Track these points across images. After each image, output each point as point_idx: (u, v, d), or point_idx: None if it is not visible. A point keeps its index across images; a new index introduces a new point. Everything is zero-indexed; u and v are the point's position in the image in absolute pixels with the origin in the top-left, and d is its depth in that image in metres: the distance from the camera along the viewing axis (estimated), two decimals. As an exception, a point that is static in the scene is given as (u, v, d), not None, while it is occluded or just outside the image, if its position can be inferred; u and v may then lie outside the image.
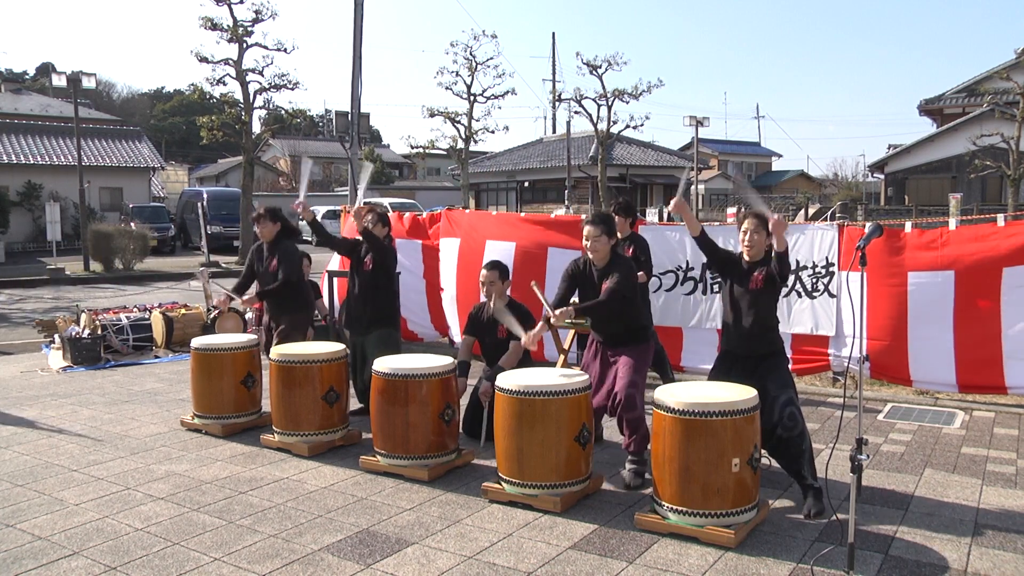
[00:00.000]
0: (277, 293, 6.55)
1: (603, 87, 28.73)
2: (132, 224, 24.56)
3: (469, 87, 28.92)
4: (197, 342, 6.15)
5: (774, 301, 4.66)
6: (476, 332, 5.90)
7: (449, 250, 8.81)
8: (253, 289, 6.79)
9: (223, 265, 22.08)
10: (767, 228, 4.50)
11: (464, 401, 5.62)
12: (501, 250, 8.06)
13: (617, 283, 4.80)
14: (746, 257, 4.63)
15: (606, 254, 4.94)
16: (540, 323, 4.89)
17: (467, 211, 10.18)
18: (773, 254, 4.43)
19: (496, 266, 5.78)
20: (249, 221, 22.70)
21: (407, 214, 9.71)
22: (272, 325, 6.87)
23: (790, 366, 4.77)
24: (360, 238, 6.30)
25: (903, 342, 6.59)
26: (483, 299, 5.93)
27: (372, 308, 6.23)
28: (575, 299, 5.09)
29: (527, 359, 5.66)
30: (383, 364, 5.07)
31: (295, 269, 6.65)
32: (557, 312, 4.74)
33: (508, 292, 5.81)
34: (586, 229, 4.93)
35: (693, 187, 34.67)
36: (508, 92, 29.56)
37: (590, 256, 4.97)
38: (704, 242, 4.73)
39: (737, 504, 3.99)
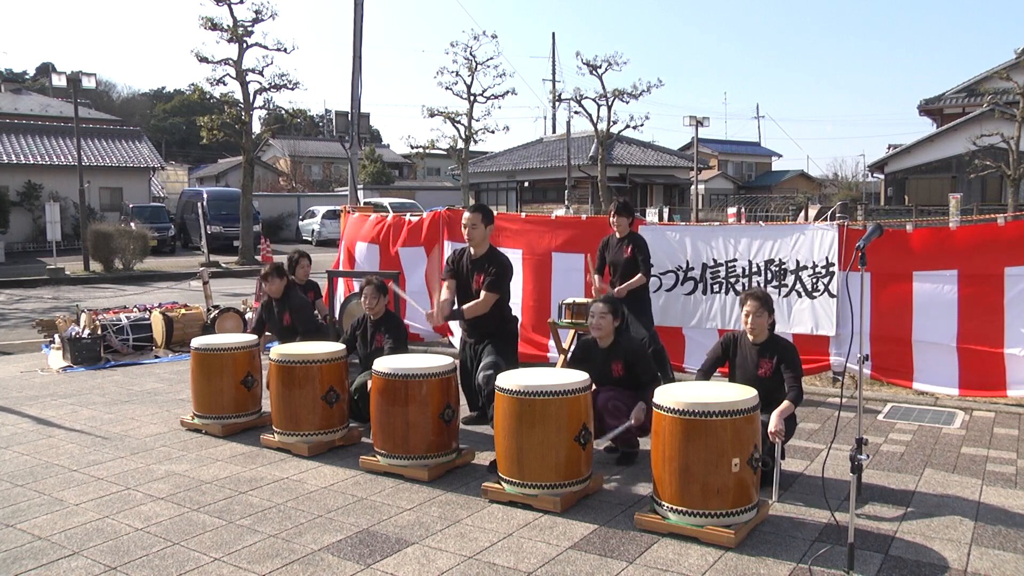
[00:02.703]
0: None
1: (603, 87, 28.79)
2: (132, 224, 24.56)
3: (469, 87, 28.94)
4: (197, 342, 6.15)
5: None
6: (456, 275, 5.78)
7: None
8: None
9: (223, 265, 22.09)
10: (768, 309, 4.84)
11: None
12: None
13: (647, 377, 5.12)
14: (750, 338, 4.88)
15: (610, 333, 5.23)
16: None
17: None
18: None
19: (479, 208, 5.70)
20: (250, 224, 22.92)
21: (408, 214, 9.70)
22: None
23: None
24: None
25: (906, 343, 6.59)
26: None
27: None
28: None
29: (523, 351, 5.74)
30: (383, 364, 5.07)
31: (307, 320, 6.72)
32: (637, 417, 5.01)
33: (489, 239, 5.71)
34: (594, 306, 5.28)
35: (693, 187, 34.69)
36: (508, 92, 29.59)
37: (594, 335, 5.29)
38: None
39: (737, 504, 3.99)
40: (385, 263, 9.30)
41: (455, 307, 5.67)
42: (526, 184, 40.64)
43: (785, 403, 4.56)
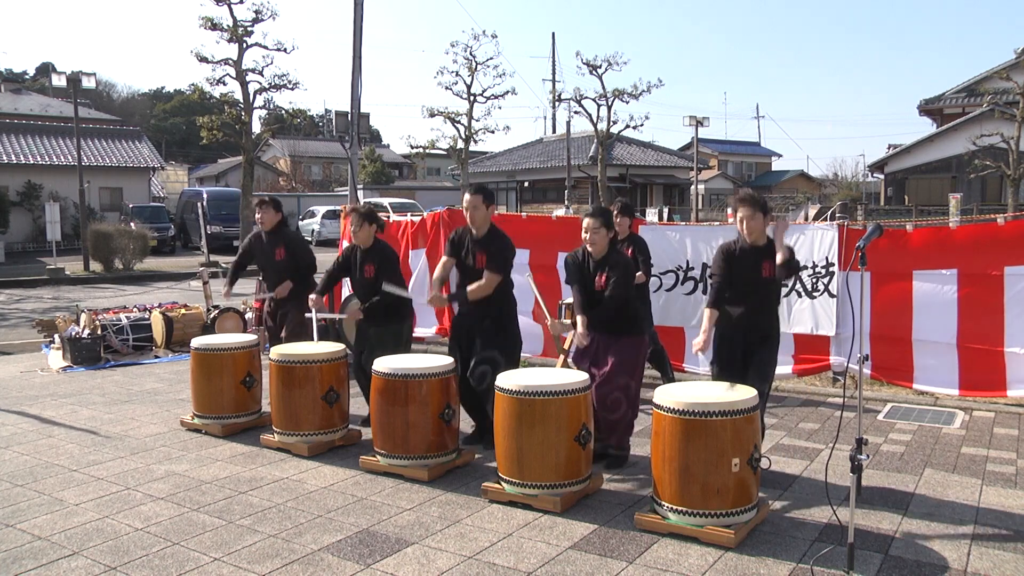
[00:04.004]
0: (303, 286, 6.58)
1: (603, 87, 28.77)
2: (132, 224, 24.56)
3: (469, 87, 28.92)
4: (197, 342, 6.15)
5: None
6: (456, 254, 5.66)
7: None
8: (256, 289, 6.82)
9: (223, 265, 22.03)
10: (763, 210, 4.73)
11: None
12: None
13: (616, 288, 4.95)
14: (748, 242, 4.79)
15: (604, 247, 5.07)
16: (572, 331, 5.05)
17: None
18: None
19: (480, 190, 5.60)
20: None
21: (408, 215, 9.70)
22: (274, 311, 6.83)
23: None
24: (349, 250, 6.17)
25: (906, 343, 6.59)
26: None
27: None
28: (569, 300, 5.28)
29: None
30: (383, 364, 5.07)
31: (306, 252, 6.71)
32: (581, 333, 4.93)
33: (490, 219, 5.59)
34: (586, 221, 5.07)
35: (693, 187, 34.70)
36: (508, 92, 29.56)
37: (588, 248, 5.10)
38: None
39: (737, 504, 3.99)
40: None
41: (458, 288, 5.56)
42: (526, 184, 40.64)
43: (783, 250, 4.66)
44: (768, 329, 4.85)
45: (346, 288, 9.44)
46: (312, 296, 6.09)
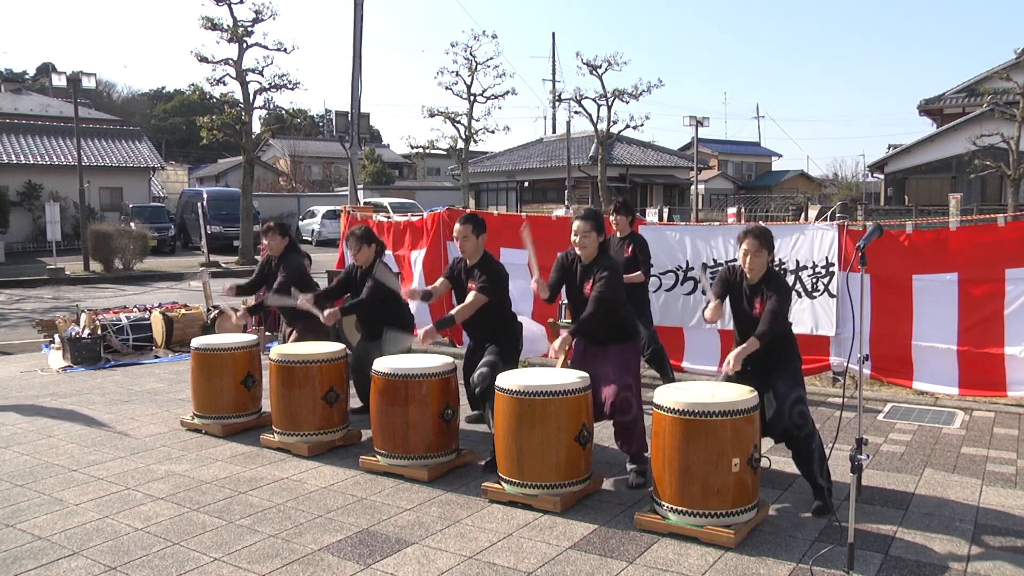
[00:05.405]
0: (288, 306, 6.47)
1: (603, 87, 28.80)
2: (132, 224, 24.56)
3: (469, 87, 28.95)
4: (197, 342, 6.15)
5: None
6: (452, 279, 5.64)
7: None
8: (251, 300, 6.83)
9: (223, 265, 22.09)
10: (768, 247, 4.48)
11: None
12: (516, 258, 7.84)
13: (602, 289, 4.77)
14: (748, 277, 4.55)
15: (594, 250, 4.91)
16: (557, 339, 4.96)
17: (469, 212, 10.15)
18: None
19: (470, 220, 5.50)
20: (250, 224, 22.96)
21: (408, 215, 9.71)
22: (287, 331, 6.92)
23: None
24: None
25: (906, 344, 6.59)
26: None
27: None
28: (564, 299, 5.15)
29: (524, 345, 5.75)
30: (383, 364, 5.07)
31: (297, 277, 6.63)
32: (556, 347, 4.88)
33: (483, 247, 5.53)
34: (576, 224, 4.91)
35: (693, 187, 34.71)
36: (508, 92, 29.62)
37: (578, 252, 4.94)
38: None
39: (737, 504, 3.99)
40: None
41: (449, 312, 5.49)
42: (526, 184, 40.63)
43: (749, 340, 4.34)
44: (777, 354, 4.51)
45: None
46: (307, 295, 6.14)
